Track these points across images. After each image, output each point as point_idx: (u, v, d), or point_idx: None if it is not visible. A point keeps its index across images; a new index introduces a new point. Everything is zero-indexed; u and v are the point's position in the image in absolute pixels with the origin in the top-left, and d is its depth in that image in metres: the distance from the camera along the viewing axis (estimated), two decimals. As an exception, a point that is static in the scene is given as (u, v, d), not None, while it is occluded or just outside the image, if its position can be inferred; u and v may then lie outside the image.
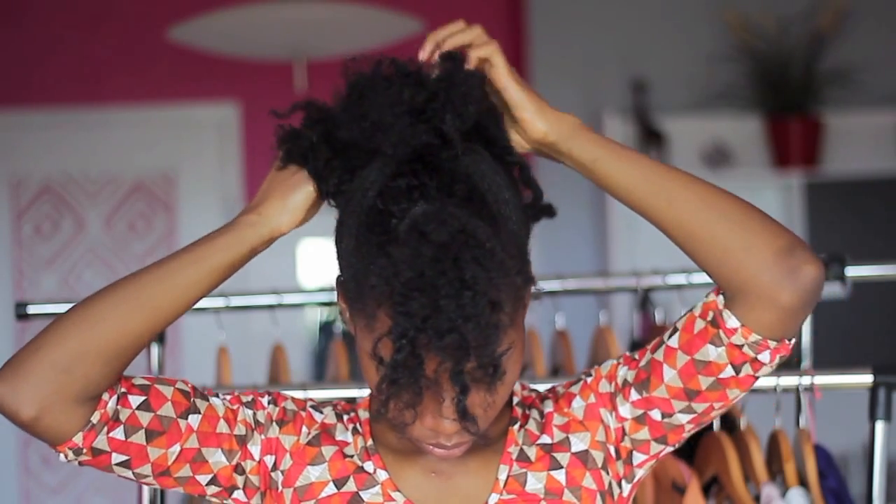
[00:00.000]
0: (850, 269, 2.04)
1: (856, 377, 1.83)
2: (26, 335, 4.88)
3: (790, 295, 1.22)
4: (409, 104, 1.23)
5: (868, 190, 4.66)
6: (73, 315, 1.26)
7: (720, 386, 1.29)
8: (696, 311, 1.29)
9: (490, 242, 1.17)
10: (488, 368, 1.18)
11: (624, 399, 1.33)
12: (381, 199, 1.22)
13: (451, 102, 1.23)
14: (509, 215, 1.25)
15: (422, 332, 1.15)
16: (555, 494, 1.32)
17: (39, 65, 4.99)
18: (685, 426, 1.33)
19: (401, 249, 1.16)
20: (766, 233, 1.23)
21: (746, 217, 1.25)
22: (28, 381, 1.23)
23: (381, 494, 1.31)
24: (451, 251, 1.15)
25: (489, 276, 1.16)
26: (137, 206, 5.09)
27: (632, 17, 4.85)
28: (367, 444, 1.35)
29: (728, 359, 1.27)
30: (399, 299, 1.15)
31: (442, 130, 1.23)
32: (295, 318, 4.73)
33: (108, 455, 1.27)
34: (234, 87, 4.99)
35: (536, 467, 1.33)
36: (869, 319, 4.55)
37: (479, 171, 1.24)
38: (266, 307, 2.12)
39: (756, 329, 1.25)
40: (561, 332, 2.45)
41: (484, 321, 1.15)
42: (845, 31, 4.76)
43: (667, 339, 1.31)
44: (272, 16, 3.61)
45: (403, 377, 1.17)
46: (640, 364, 1.33)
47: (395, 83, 1.24)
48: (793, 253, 1.22)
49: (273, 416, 1.35)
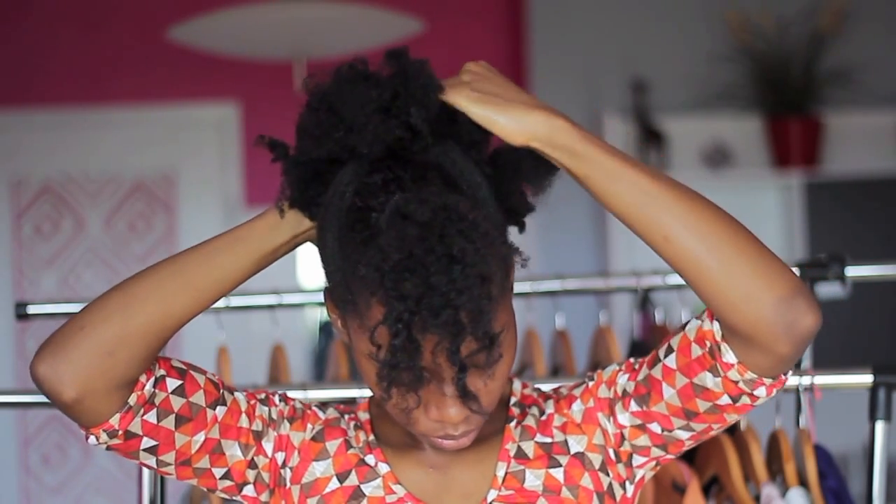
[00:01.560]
0: (850, 269, 2.04)
1: (856, 377, 1.83)
2: (26, 335, 4.88)
3: (787, 346, 1.21)
4: (377, 103, 1.23)
5: (868, 190, 4.66)
6: (116, 296, 1.26)
7: (718, 410, 1.29)
8: (690, 334, 1.28)
9: (472, 214, 1.18)
10: (484, 341, 1.18)
11: (623, 408, 1.34)
12: (358, 197, 1.23)
13: (413, 95, 1.24)
14: (485, 199, 1.26)
15: (416, 315, 1.15)
16: (553, 491, 1.32)
17: (40, 65, 4.99)
18: (685, 441, 1.34)
19: (386, 235, 1.17)
20: (766, 280, 1.20)
21: (748, 261, 1.20)
22: (71, 363, 1.23)
23: (382, 487, 1.33)
24: (436, 228, 1.16)
25: (476, 248, 1.16)
26: (137, 206, 5.09)
27: (632, 17, 4.85)
28: (368, 439, 1.36)
29: (724, 389, 1.27)
30: (391, 283, 1.15)
31: (410, 123, 1.23)
32: (295, 318, 4.73)
33: (138, 439, 1.27)
34: (234, 87, 4.99)
35: (535, 465, 1.34)
36: (869, 319, 4.55)
37: (450, 159, 1.25)
38: (266, 307, 2.12)
39: (752, 368, 1.24)
40: (561, 332, 2.45)
41: (476, 293, 1.15)
42: (845, 31, 4.76)
43: (663, 356, 1.30)
44: (272, 16, 3.61)
45: (402, 361, 1.17)
46: (638, 378, 1.33)
47: (359, 85, 1.24)
48: (792, 304, 1.19)
49: (284, 414, 1.37)
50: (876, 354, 4.44)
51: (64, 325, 1.26)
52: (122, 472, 4.88)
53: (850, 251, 2.18)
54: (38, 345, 1.27)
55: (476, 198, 1.24)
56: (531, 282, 2.07)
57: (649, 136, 4.65)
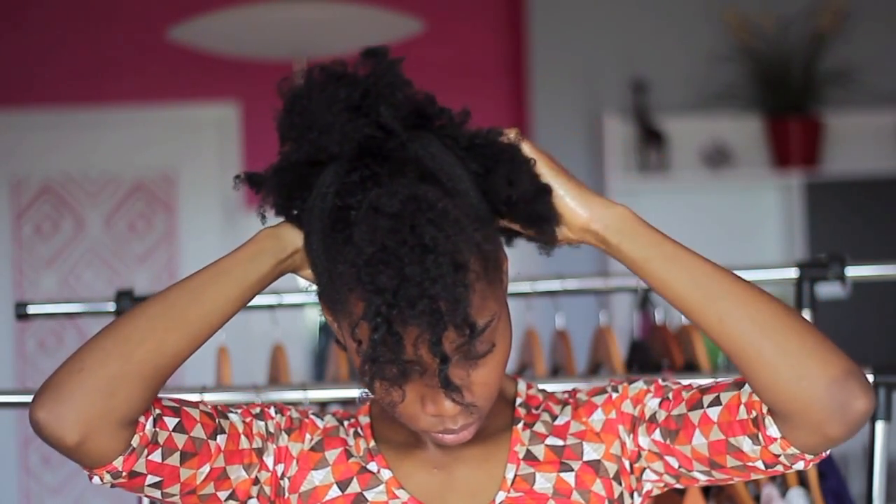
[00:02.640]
0: (850, 269, 2.04)
1: (856, 377, 1.83)
2: (26, 335, 4.88)
3: (838, 429, 1.20)
4: (345, 102, 1.24)
5: (868, 190, 4.66)
6: (110, 337, 1.26)
7: (746, 470, 1.29)
8: (743, 395, 1.26)
9: (442, 202, 1.17)
10: (464, 330, 1.17)
11: (646, 432, 1.33)
12: (339, 197, 1.23)
13: (382, 94, 1.24)
14: (466, 190, 1.25)
15: (394, 308, 1.15)
16: (563, 495, 1.32)
17: (40, 65, 4.99)
18: (699, 480, 1.34)
19: (359, 229, 1.18)
20: (820, 362, 1.19)
21: (800, 343, 1.20)
22: (72, 406, 1.22)
23: (385, 493, 1.32)
24: (406, 218, 1.16)
25: (447, 236, 1.16)
26: (137, 206, 5.09)
27: (632, 17, 4.85)
28: (369, 446, 1.36)
29: (761, 457, 1.26)
30: (367, 277, 1.16)
31: (381, 122, 1.24)
32: (295, 318, 4.73)
33: (143, 477, 1.27)
34: (234, 87, 4.99)
35: (546, 468, 1.33)
36: (869, 319, 4.55)
37: (428, 153, 1.25)
38: (266, 307, 2.12)
39: (796, 445, 1.23)
40: (561, 332, 2.45)
41: (451, 281, 1.15)
42: (845, 31, 4.76)
43: (706, 404, 1.29)
44: (272, 16, 3.61)
45: (383, 354, 1.17)
46: (672, 410, 1.31)
47: (329, 86, 1.25)
48: (845, 385, 1.19)
49: (282, 426, 1.37)
50: (876, 354, 4.42)
51: (59, 369, 1.25)
52: (122, 472, 4.88)
53: (850, 251, 2.18)
54: (38, 345, 1.27)
55: (456, 189, 1.24)
56: (531, 282, 2.07)
57: (649, 136, 4.65)
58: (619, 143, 4.65)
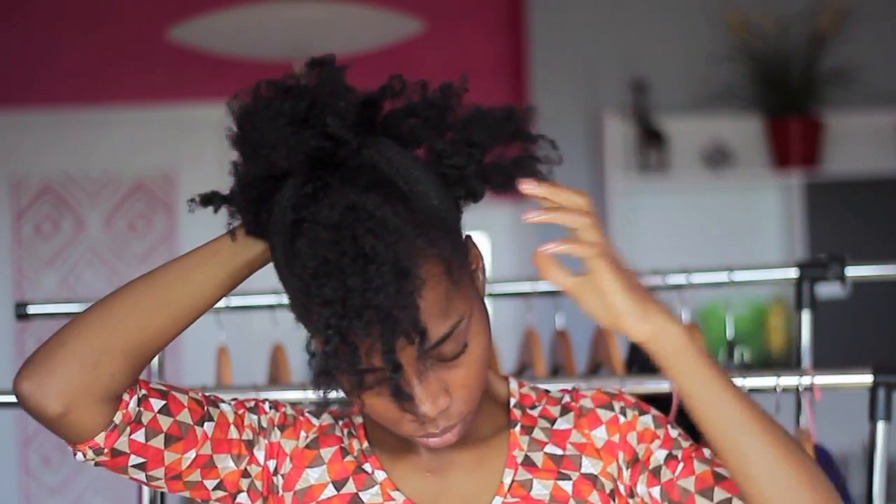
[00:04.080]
0: (850, 269, 2.04)
1: (856, 377, 1.83)
2: (26, 335, 4.88)
3: None
4: (289, 116, 1.23)
5: (868, 190, 4.66)
6: (95, 312, 1.27)
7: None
8: None
9: (380, 211, 1.17)
10: (413, 336, 1.17)
11: (646, 483, 1.34)
12: (294, 210, 1.22)
13: (327, 104, 1.23)
14: (426, 191, 1.23)
15: (343, 318, 1.15)
16: (560, 502, 1.32)
17: (39, 65, 4.99)
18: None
19: (301, 242, 1.18)
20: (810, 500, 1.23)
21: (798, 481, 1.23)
22: (55, 376, 1.23)
23: (380, 494, 1.32)
24: (346, 229, 1.16)
25: (387, 244, 1.15)
26: (137, 206, 5.09)
27: (632, 17, 4.85)
28: (363, 447, 1.35)
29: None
30: (314, 290, 1.16)
31: (329, 133, 1.22)
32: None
33: (126, 457, 1.28)
34: (234, 87, 4.97)
35: (543, 475, 1.33)
36: (869, 319, 4.55)
37: (384, 157, 1.24)
38: (266, 307, 2.12)
39: None
40: (561, 332, 2.45)
41: (394, 289, 1.15)
42: (845, 31, 4.76)
43: (716, 499, 1.31)
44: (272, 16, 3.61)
45: (335, 367, 1.17)
46: (677, 479, 1.33)
47: (274, 101, 1.24)
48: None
49: (275, 421, 1.36)
50: (876, 354, 4.43)
51: (45, 343, 1.26)
52: (122, 472, 4.87)
53: (850, 251, 2.18)
54: (38, 345, 1.27)
55: (413, 192, 1.22)
56: (531, 282, 2.07)
57: (649, 136, 4.64)
58: (619, 143, 4.64)
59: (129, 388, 1.27)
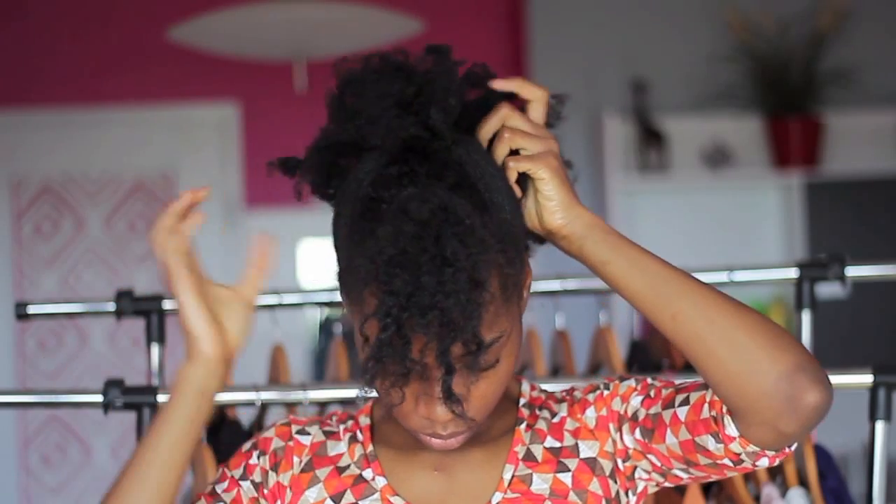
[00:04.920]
0: (850, 269, 2.04)
1: (856, 377, 1.83)
2: (26, 335, 4.88)
3: (789, 423, 1.20)
4: (397, 97, 1.24)
5: (868, 190, 4.66)
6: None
7: (719, 467, 1.29)
8: (708, 394, 1.27)
9: (470, 219, 1.18)
10: (471, 346, 1.18)
11: (629, 431, 1.34)
12: (373, 187, 1.23)
13: (435, 96, 1.24)
14: (501, 203, 1.25)
15: (405, 311, 1.16)
16: (560, 496, 1.31)
17: (39, 65, 4.99)
18: (683, 478, 1.34)
19: (385, 228, 1.18)
20: (769, 357, 1.20)
21: (751, 339, 1.21)
22: None
23: (380, 501, 1.32)
24: (432, 228, 1.16)
25: (469, 253, 1.16)
26: (137, 206, 5.09)
27: (632, 17, 4.85)
28: (366, 452, 1.35)
29: (726, 454, 1.26)
30: (383, 277, 1.16)
31: (429, 124, 1.24)
32: (295, 318, 4.73)
33: None
34: (234, 87, 4.99)
35: (543, 468, 1.33)
36: (869, 319, 4.56)
37: (472, 160, 1.25)
38: (266, 307, 2.12)
39: (753, 442, 1.24)
40: (561, 332, 2.45)
41: (465, 298, 1.16)
42: (845, 31, 4.76)
43: (677, 404, 1.30)
44: (272, 16, 3.61)
45: (388, 355, 1.18)
46: (650, 410, 1.32)
47: (384, 77, 1.25)
48: (794, 380, 1.19)
49: (267, 468, 1.36)
50: (876, 354, 4.43)
51: None
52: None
53: (850, 251, 2.18)
54: (38, 345, 1.28)
55: (492, 201, 1.24)
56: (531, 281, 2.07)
57: (649, 136, 4.65)
58: (619, 143, 4.65)
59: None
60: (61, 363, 4.95)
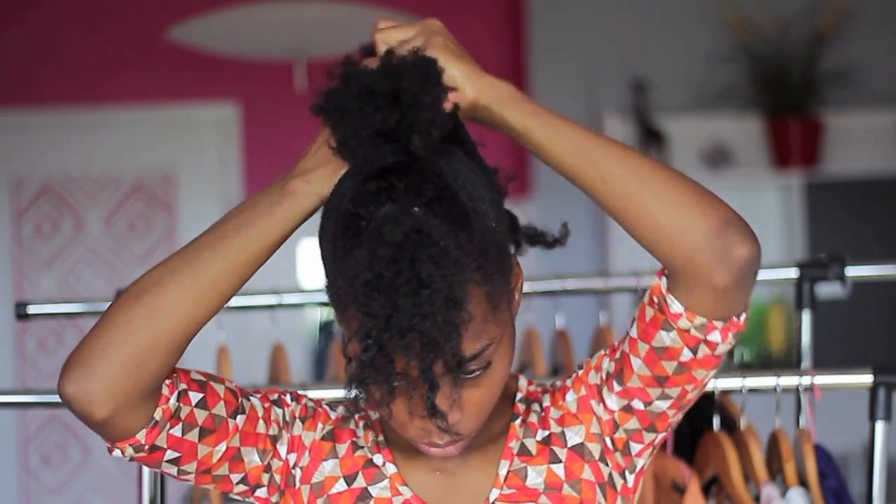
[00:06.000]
0: (850, 269, 2.04)
1: (856, 377, 1.83)
2: (26, 335, 4.88)
3: (722, 276, 1.21)
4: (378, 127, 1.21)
5: (868, 190, 4.66)
6: (139, 307, 1.23)
7: (684, 369, 1.29)
8: (644, 298, 1.29)
9: (444, 241, 1.17)
10: (451, 364, 1.19)
11: (609, 391, 1.34)
12: (352, 203, 1.23)
13: (418, 126, 1.22)
14: (485, 211, 1.25)
15: (385, 332, 1.16)
16: (554, 489, 1.32)
17: (39, 65, 4.99)
18: (667, 412, 1.33)
19: (360, 251, 1.18)
20: (698, 212, 1.22)
21: (679, 195, 1.23)
22: (100, 382, 1.21)
23: (389, 489, 1.32)
24: (407, 251, 1.16)
25: (444, 275, 1.16)
26: (137, 206, 5.09)
27: (632, 17, 4.85)
28: (378, 439, 1.36)
29: (682, 342, 1.26)
30: (362, 300, 1.17)
31: (409, 149, 1.22)
32: (295, 318, 4.73)
33: (162, 452, 1.27)
34: (234, 87, 4.99)
35: (536, 461, 1.34)
36: (869, 319, 4.55)
37: (453, 170, 1.24)
38: (266, 307, 2.12)
39: (699, 312, 1.24)
40: (561, 332, 2.45)
41: (442, 318, 1.16)
42: (845, 31, 4.76)
43: (629, 328, 1.31)
44: (272, 16, 3.61)
45: (370, 376, 1.18)
46: (615, 356, 1.33)
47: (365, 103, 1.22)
48: (724, 233, 1.22)
49: (297, 414, 1.36)
50: (876, 354, 4.44)
51: (87, 339, 1.24)
52: (122, 472, 4.88)
53: (850, 251, 2.18)
54: (38, 345, 1.27)
55: (475, 210, 1.23)
56: (531, 282, 2.07)
57: (649, 136, 4.65)
58: (619, 143, 4.64)
59: (169, 381, 1.26)
60: (61, 363, 4.91)
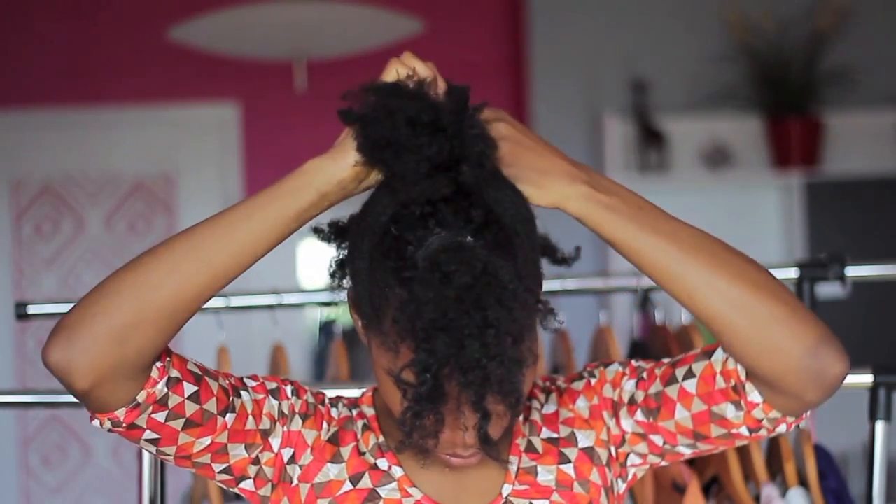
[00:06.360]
0: (850, 269, 2.04)
1: (856, 377, 1.83)
2: (26, 335, 4.88)
3: (816, 395, 1.23)
4: (433, 160, 1.18)
5: (868, 190, 4.66)
6: (129, 279, 1.21)
7: (730, 437, 1.30)
8: (716, 365, 1.27)
9: (513, 284, 1.17)
10: (510, 399, 1.18)
11: (628, 415, 1.34)
12: (395, 225, 1.20)
13: (466, 152, 1.19)
14: (527, 234, 1.24)
15: (445, 366, 1.15)
16: (566, 487, 1.33)
17: (39, 65, 4.99)
18: (685, 454, 1.35)
19: (423, 289, 1.16)
20: (791, 334, 1.21)
21: (771, 315, 1.21)
22: (85, 353, 1.18)
23: (398, 490, 1.32)
24: (474, 292, 1.15)
25: (512, 318, 1.16)
26: (137, 206, 5.09)
27: (632, 17, 4.84)
28: (378, 442, 1.35)
29: (744, 422, 1.27)
30: (423, 336, 1.15)
31: (459, 180, 1.20)
32: (295, 318, 4.73)
33: (141, 431, 1.25)
34: (234, 87, 4.99)
35: (546, 461, 1.35)
36: (869, 319, 4.55)
37: (497, 196, 1.22)
38: (266, 307, 2.12)
39: (777, 408, 1.25)
40: (561, 332, 2.45)
41: (507, 357, 1.16)
42: (845, 31, 4.76)
43: (681, 378, 1.30)
44: (272, 16, 3.61)
45: (426, 408, 1.17)
46: (649, 390, 1.32)
47: (418, 136, 1.18)
48: (818, 354, 1.21)
49: (296, 409, 1.34)
50: (876, 354, 4.43)
51: (75, 308, 1.21)
52: (122, 472, 4.88)
53: (850, 251, 2.18)
54: (38, 345, 1.26)
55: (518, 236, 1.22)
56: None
57: (649, 136, 4.64)
58: (619, 143, 4.64)
59: (160, 365, 1.23)
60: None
